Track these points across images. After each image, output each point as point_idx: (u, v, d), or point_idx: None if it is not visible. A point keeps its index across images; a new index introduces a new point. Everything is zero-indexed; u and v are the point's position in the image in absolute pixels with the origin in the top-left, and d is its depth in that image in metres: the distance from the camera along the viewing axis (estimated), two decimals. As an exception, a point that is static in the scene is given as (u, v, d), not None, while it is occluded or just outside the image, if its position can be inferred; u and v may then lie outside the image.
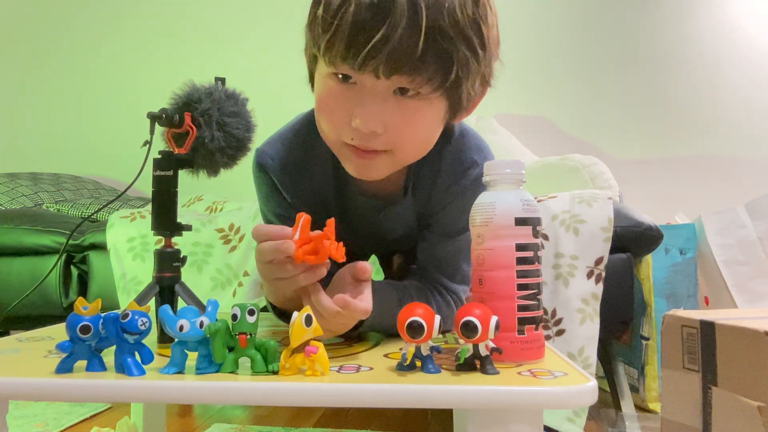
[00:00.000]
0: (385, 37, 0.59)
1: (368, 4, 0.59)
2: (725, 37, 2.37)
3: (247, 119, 0.75)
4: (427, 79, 0.63)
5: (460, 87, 0.66)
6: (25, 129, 2.69)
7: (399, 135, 0.67)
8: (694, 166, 2.34)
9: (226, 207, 1.74)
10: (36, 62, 2.70)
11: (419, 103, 0.66)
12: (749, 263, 1.52)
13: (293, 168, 0.81)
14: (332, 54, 0.63)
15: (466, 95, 0.68)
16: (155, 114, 0.68)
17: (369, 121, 0.65)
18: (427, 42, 0.60)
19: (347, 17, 0.60)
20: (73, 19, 2.70)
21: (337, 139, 0.70)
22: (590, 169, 1.49)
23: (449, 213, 0.80)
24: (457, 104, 0.70)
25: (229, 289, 1.33)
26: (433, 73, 0.62)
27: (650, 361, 1.31)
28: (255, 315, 0.53)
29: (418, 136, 0.70)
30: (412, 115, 0.67)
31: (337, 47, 0.62)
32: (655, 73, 2.39)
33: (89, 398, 0.53)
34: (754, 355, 0.67)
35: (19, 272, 1.50)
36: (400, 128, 0.67)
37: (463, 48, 0.62)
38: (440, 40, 0.61)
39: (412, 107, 0.66)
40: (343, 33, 0.61)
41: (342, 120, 0.67)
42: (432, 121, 0.70)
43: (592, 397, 0.48)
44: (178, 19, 2.64)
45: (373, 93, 0.65)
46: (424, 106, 0.66)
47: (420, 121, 0.68)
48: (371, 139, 0.67)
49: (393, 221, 0.84)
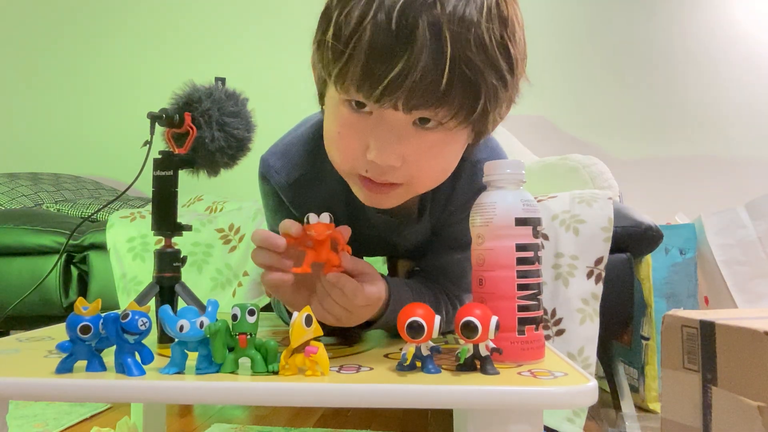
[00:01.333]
0: (405, 71, 0.53)
1: (385, 30, 0.53)
2: (725, 37, 2.37)
3: (247, 119, 0.75)
4: (451, 113, 0.57)
5: (487, 117, 0.60)
6: (25, 129, 2.69)
7: (417, 168, 0.62)
8: (694, 166, 2.34)
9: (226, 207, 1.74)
10: (36, 62, 2.70)
11: (441, 135, 0.60)
12: (749, 263, 1.52)
13: (301, 184, 0.76)
14: (345, 84, 0.57)
15: (492, 122, 0.63)
16: (155, 114, 0.68)
17: (386, 156, 0.59)
18: (452, 74, 0.54)
19: (362, 45, 0.54)
20: (73, 19, 2.70)
21: (349, 171, 0.66)
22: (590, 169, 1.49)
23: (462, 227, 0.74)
24: (482, 132, 0.65)
25: (229, 289, 1.33)
26: (458, 106, 0.57)
27: (650, 361, 1.31)
28: (255, 315, 0.53)
29: (437, 169, 0.65)
30: (433, 148, 0.61)
31: (351, 78, 0.56)
32: (655, 73, 2.39)
33: (89, 398, 0.53)
34: (754, 355, 0.67)
35: (19, 272, 1.50)
36: (418, 161, 0.62)
37: (492, 78, 0.56)
38: (467, 71, 0.54)
39: (434, 139, 0.61)
40: (357, 63, 0.55)
41: (356, 151, 0.62)
42: (453, 152, 0.65)
43: (592, 397, 0.48)
44: (178, 19, 2.64)
45: (391, 125, 0.59)
46: (446, 138, 0.61)
47: (440, 154, 0.63)
48: (387, 172, 0.62)
49: (406, 238, 0.81)
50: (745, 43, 2.36)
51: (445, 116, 0.58)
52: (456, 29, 0.53)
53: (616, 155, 2.33)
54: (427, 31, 0.53)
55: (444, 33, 0.53)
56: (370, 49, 0.54)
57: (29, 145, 2.67)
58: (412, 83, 0.54)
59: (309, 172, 0.76)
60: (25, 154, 2.65)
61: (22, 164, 2.50)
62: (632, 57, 2.41)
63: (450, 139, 0.62)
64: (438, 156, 0.63)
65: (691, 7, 2.40)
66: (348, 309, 0.64)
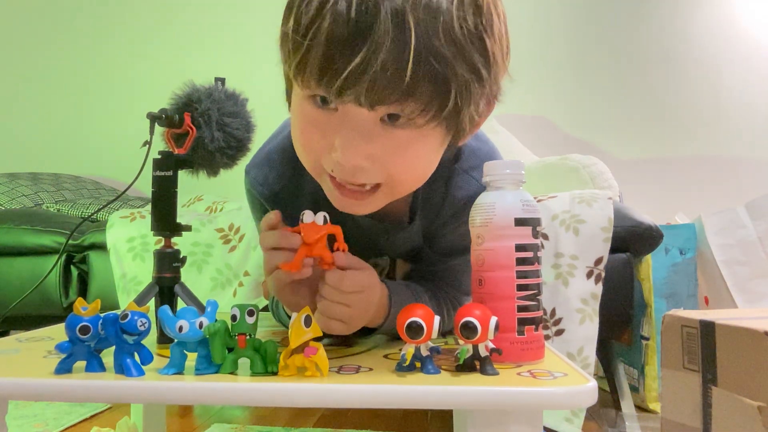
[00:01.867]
0: (365, 62, 0.49)
1: (344, 20, 0.49)
2: (725, 36, 2.37)
3: (247, 119, 0.75)
4: (419, 108, 0.53)
5: (460, 114, 0.56)
6: (25, 129, 2.69)
7: (390, 167, 0.58)
8: (694, 166, 2.34)
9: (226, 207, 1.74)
10: (36, 62, 2.70)
11: (411, 133, 0.56)
12: (749, 263, 1.52)
13: (285, 193, 0.75)
14: (305, 78, 0.54)
15: (468, 120, 0.58)
16: (155, 114, 0.68)
17: (351, 155, 0.55)
18: (418, 66, 0.50)
19: (320, 36, 0.50)
20: (72, 18, 2.70)
21: (316, 170, 0.62)
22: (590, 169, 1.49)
23: (455, 235, 0.75)
24: (458, 130, 0.60)
25: (229, 289, 1.33)
26: (426, 102, 0.53)
27: (650, 361, 1.31)
28: (254, 315, 0.53)
29: (413, 169, 0.61)
30: (403, 147, 0.57)
31: (310, 71, 0.52)
32: (655, 73, 2.39)
33: (89, 398, 0.53)
34: (754, 355, 0.67)
35: (19, 272, 1.50)
36: (390, 161, 0.58)
37: (463, 70, 0.52)
38: (434, 63, 0.50)
39: (403, 138, 0.56)
40: (316, 55, 0.51)
41: (322, 150, 0.58)
42: (427, 152, 0.61)
43: (591, 397, 0.48)
44: (178, 19, 2.64)
45: (357, 122, 0.55)
46: (417, 138, 0.57)
47: (412, 154, 0.59)
48: (357, 173, 0.58)
49: (396, 244, 0.80)
50: (745, 43, 2.36)
51: (413, 111, 0.53)
52: (421, 17, 0.49)
53: (616, 155, 2.33)
54: (389, 20, 0.49)
55: (408, 21, 0.49)
56: (329, 39, 0.50)
57: (29, 145, 2.67)
58: (373, 75, 0.50)
59: (291, 182, 0.74)
60: (25, 154, 2.64)
61: (22, 164, 2.49)
62: (632, 57, 2.41)
63: (421, 138, 0.57)
64: (411, 155, 0.59)
65: (691, 7, 2.40)
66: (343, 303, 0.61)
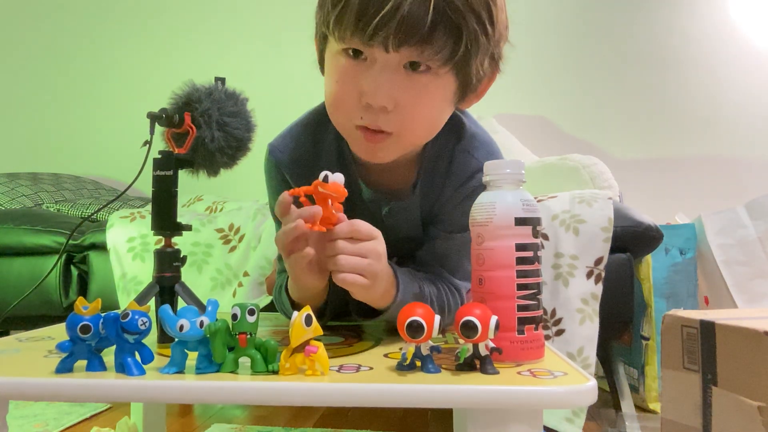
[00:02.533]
0: (394, 8, 0.60)
1: None
2: (725, 36, 2.37)
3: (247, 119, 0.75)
4: (436, 51, 0.63)
5: (469, 62, 0.66)
6: (25, 129, 2.69)
7: (408, 113, 0.68)
8: (694, 166, 2.34)
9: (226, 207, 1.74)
10: (36, 62, 2.70)
11: (429, 77, 0.66)
12: (749, 263, 1.52)
13: (302, 161, 0.82)
14: (342, 28, 0.64)
15: (475, 72, 0.68)
16: (155, 114, 0.68)
17: (379, 95, 0.65)
18: (437, 14, 0.60)
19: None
20: (72, 19, 2.70)
21: (346, 122, 0.71)
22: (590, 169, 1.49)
23: (455, 212, 0.80)
24: (466, 82, 0.69)
25: (229, 289, 1.33)
26: (442, 45, 0.63)
27: (650, 361, 1.31)
28: (255, 315, 0.53)
29: (426, 115, 0.70)
30: (422, 91, 0.67)
31: (347, 20, 0.62)
32: (655, 73, 2.39)
33: (89, 398, 0.53)
34: (754, 355, 0.67)
35: (19, 272, 1.50)
36: (408, 106, 0.67)
37: (473, 22, 0.62)
38: (449, 13, 0.61)
39: (422, 82, 0.66)
40: (353, 6, 0.61)
41: (353, 99, 0.67)
42: (441, 99, 0.70)
43: (591, 396, 0.48)
44: (178, 19, 2.64)
45: (384, 67, 0.65)
46: (434, 81, 0.67)
47: (429, 98, 0.68)
48: (381, 115, 0.67)
49: (397, 218, 0.84)
50: (745, 43, 2.36)
51: (430, 55, 0.63)
52: None
53: (616, 155, 2.33)
54: None
55: None
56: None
57: (29, 145, 2.67)
58: (400, 20, 0.60)
59: (309, 152, 0.82)
60: (25, 154, 2.65)
61: (22, 164, 2.49)
62: (632, 57, 2.41)
63: (437, 84, 0.67)
64: (427, 102, 0.68)
65: (691, 7, 2.40)
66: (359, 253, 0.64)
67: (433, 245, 0.83)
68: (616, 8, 2.43)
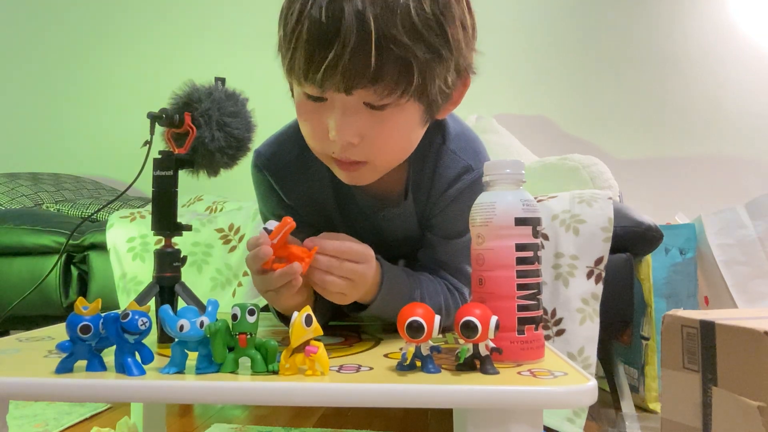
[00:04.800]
0: (336, 57, 0.59)
1: (318, 23, 0.58)
2: (725, 36, 2.37)
3: (247, 119, 0.75)
4: (389, 89, 0.61)
5: (428, 88, 0.64)
6: (25, 129, 2.69)
7: (376, 144, 0.67)
8: (694, 166, 2.34)
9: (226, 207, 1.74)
10: (36, 62, 2.70)
11: (391, 110, 0.65)
12: (749, 263, 1.52)
13: (289, 169, 0.81)
14: (295, 76, 0.64)
15: (439, 92, 0.66)
16: (155, 114, 0.68)
17: (343, 134, 0.65)
18: (380, 53, 0.58)
19: (302, 38, 0.60)
20: (73, 19, 2.70)
21: (321, 153, 0.72)
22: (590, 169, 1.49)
23: (447, 216, 0.80)
24: (432, 103, 0.68)
25: (229, 289, 1.33)
26: (393, 83, 0.61)
27: (650, 361, 1.31)
28: (255, 315, 0.53)
29: (395, 143, 0.70)
30: (385, 124, 0.66)
31: (297, 70, 0.62)
32: (655, 73, 2.39)
33: (89, 398, 0.53)
34: (754, 355, 0.67)
35: (19, 272, 1.50)
36: (375, 137, 0.66)
37: (422, 52, 0.60)
38: (395, 49, 0.59)
39: (385, 116, 0.65)
40: (300, 55, 0.61)
41: (321, 134, 0.68)
42: (407, 126, 0.69)
43: (592, 397, 0.48)
44: (179, 18, 2.64)
45: (344, 108, 0.64)
46: (397, 113, 0.65)
47: (395, 128, 0.67)
48: (349, 149, 0.67)
49: (393, 223, 0.84)
50: (745, 43, 2.36)
51: (383, 94, 0.62)
52: (380, 13, 0.58)
53: (616, 155, 2.33)
54: (353, 18, 0.58)
55: (368, 18, 0.58)
56: (308, 41, 0.60)
57: (29, 145, 2.67)
58: (344, 67, 0.59)
59: (297, 159, 0.81)
60: (25, 154, 2.64)
61: (22, 164, 2.49)
62: (632, 57, 2.41)
63: (401, 115, 0.66)
64: (393, 133, 0.68)
65: (691, 7, 2.39)
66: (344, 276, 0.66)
67: (432, 251, 0.83)
68: (616, 8, 2.43)
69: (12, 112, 2.70)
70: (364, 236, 0.87)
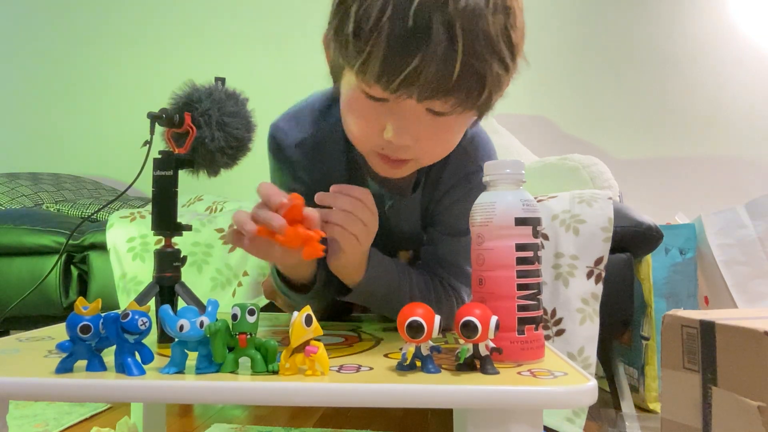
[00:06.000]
0: (421, 66, 0.57)
1: (402, 28, 0.56)
2: (725, 36, 2.37)
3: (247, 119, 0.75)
4: (459, 102, 0.62)
5: (491, 101, 0.65)
6: (25, 129, 2.69)
7: (429, 146, 0.68)
8: (694, 166, 2.34)
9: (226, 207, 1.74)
10: (36, 62, 2.70)
11: (452, 118, 0.65)
12: (749, 263, 1.52)
13: (307, 147, 0.81)
14: (365, 77, 0.61)
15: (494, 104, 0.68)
16: (155, 114, 0.68)
17: (402, 137, 0.65)
18: (462, 67, 0.58)
19: (381, 41, 0.57)
20: (72, 19, 2.70)
21: (366, 148, 0.71)
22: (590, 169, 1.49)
23: (453, 214, 0.81)
24: (485, 113, 0.70)
25: (229, 289, 1.33)
26: (465, 96, 0.61)
27: (650, 361, 1.31)
28: (255, 315, 0.53)
29: (444, 146, 0.72)
30: (443, 129, 0.67)
31: (370, 72, 0.60)
32: (655, 73, 2.39)
33: (89, 398, 0.53)
34: (754, 355, 0.67)
35: (19, 272, 1.50)
36: (430, 140, 0.67)
37: (496, 67, 0.60)
38: (474, 63, 0.58)
39: (444, 122, 0.66)
40: (377, 59, 0.58)
41: (374, 130, 0.67)
42: (460, 131, 0.71)
43: (592, 397, 0.48)
44: (179, 18, 2.64)
45: (407, 111, 0.64)
46: (453, 120, 0.66)
47: (450, 133, 0.69)
48: (401, 150, 0.67)
49: (399, 214, 0.85)
50: (745, 43, 2.36)
51: (454, 106, 0.62)
52: (466, 25, 0.56)
53: (616, 155, 2.33)
54: (441, 28, 0.56)
55: (456, 29, 0.56)
56: (389, 45, 0.57)
57: (29, 145, 2.67)
58: (425, 78, 0.58)
59: (314, 136, 0.81)
60: (25, 154, 2.65)
61: (22, 164, 2.49)
62: (632, 57, 2.41)
63: (458, 122, 0.67)
64: (446, 136, 0.69)
65: (691, 7, 2.40)
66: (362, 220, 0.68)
67: (435, 248, 0.84)
68: (616, 8, 2.43)
69: (12, 112, 2.70)
70: None
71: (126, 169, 1.35)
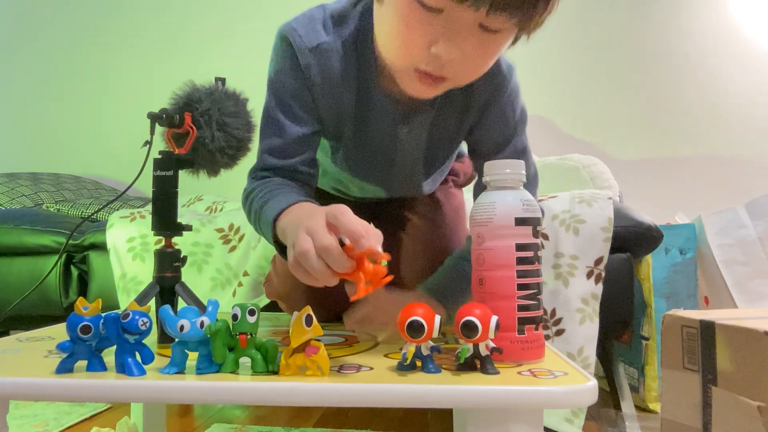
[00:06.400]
0: None
1: None
2: (725, 36, 2.37)
3: (247, 119, 0.75)
4: (521, 18, 0.62)
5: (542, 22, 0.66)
6: (25, 129, 2.69)
7: (471, 64, 0.68)
8: (694, 166, 2.34)
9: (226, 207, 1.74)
10: (36, 62, 2.70)
11: (500, 36, 0.65)
12: (749, 263, 1.52)
13: (320, 52, 0.76)
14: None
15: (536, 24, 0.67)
16: (155, 114, 0.69)
17: (451, 51, 0.64)
18: None
19: None
20: (72, 19, 2.70)
21: (405, 63, 0.69)
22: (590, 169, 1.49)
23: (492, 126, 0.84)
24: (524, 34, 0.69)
25: (229, 289, 1.33)
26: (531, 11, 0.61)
27: (650, 361, 1.31)
28: (255, 315, 0.53)
29: (483, 65, 0.71)
30: (489, 47, 0.67)
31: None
32: (655, 73, 2.39)
33: (89, 398, 0.53)
34: (754, 355, 0.67)
35: (19, 272, 1.50)
36: (474, 58, 0.67)
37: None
38: None
39: (492, 39, 0.65)
40: None
41: (420, 45, 0.65)
42: (501, 51, 0.71)
43: (591, 396, 0.48)
44: (179, 18, 2.64)
45: (461, 24, 0.63)
46: (500, 38, 0.66)
47: (494, 52, 0.69)
48: (446, 65, 0.66)
49: (408, 134, 0.84)
50: (745, 43, 2.36)
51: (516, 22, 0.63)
52: None
53: (616, 155, 2.33)
54: None
55: None
56: None
57: (29, 145, 2.67)
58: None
59: (329, 43, 0.77)
60: (25, 154, 2.65)
61: (22, 164, 2.49)
62: (632, 57, 2.41)
63: (502, 41, 0.67)
64: (492, 53, 0.69)
65: (690, 7, 2.39)
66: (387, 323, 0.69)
67: None
68: (616, 8, 2.43)
69: (12, 112, 2.70)
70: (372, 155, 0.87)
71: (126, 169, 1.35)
